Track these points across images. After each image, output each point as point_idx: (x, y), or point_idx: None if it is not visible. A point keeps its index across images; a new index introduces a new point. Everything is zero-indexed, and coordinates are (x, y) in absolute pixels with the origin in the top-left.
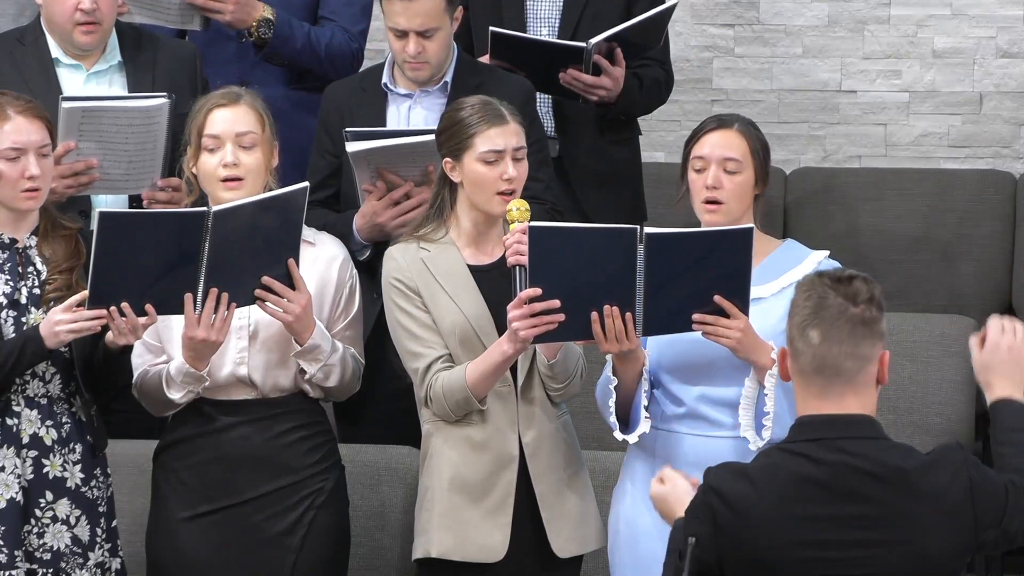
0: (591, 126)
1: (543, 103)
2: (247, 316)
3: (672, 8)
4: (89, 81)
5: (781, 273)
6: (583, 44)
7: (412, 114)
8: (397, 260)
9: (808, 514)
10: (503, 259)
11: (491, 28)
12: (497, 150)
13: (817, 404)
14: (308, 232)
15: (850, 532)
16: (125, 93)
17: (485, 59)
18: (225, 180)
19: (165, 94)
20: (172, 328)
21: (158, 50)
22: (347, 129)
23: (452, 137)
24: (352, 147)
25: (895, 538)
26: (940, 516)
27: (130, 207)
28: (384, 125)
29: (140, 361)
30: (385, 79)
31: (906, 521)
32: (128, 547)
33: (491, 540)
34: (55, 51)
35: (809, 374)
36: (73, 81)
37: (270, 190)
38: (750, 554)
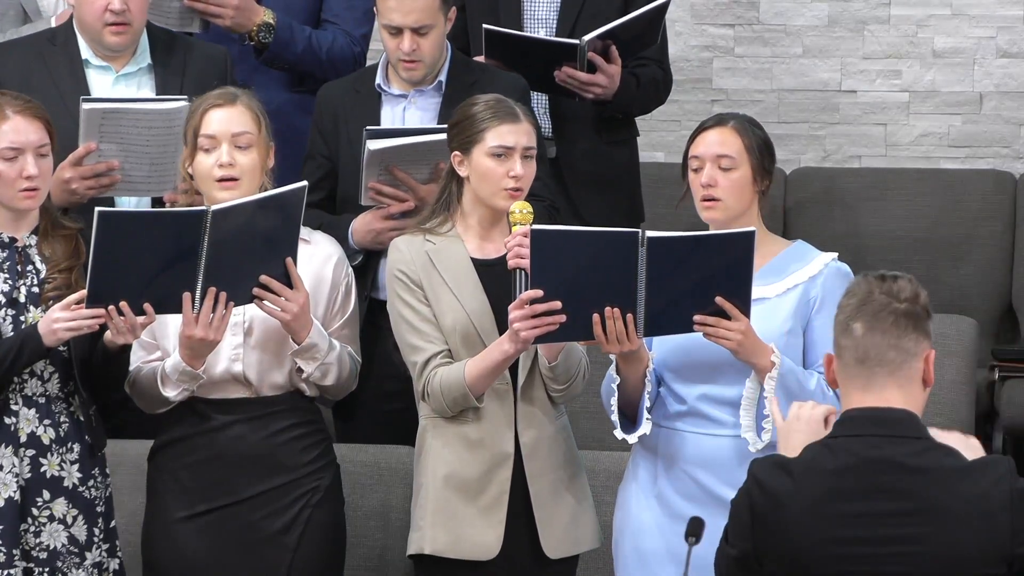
0: (589, 128)
1: (540, 104)
2: (242, 313)
3: (665, 5)
4: (118, 83)
5: (787, 274)
6: (576, 41)
7: (407, 115)
8: (402, 251)
9: (844, 510)
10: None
11: (484, 26)
12: (507, 146)
13: (861, 397)
14: (304, 231)
15: (885, 529)
16: (153, 95)
17: (481, 59)
18: (221, 180)
19: (184, 96)
20: (167, 325)
21: (189, 53)
22: (367, 127)
23: (463, 130)
24: (373, 145)
25: (929, 537)
26: (976, 519)
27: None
28: (379, 126)
29: (134, 358)
30: (379, 80)
31: (941, 520)
32: (128, 547)
33: (484, 538)
34: (85, 52)
35: (852, 367)
36: (102, 83)
37: (266, 191)
38: (786, 547)
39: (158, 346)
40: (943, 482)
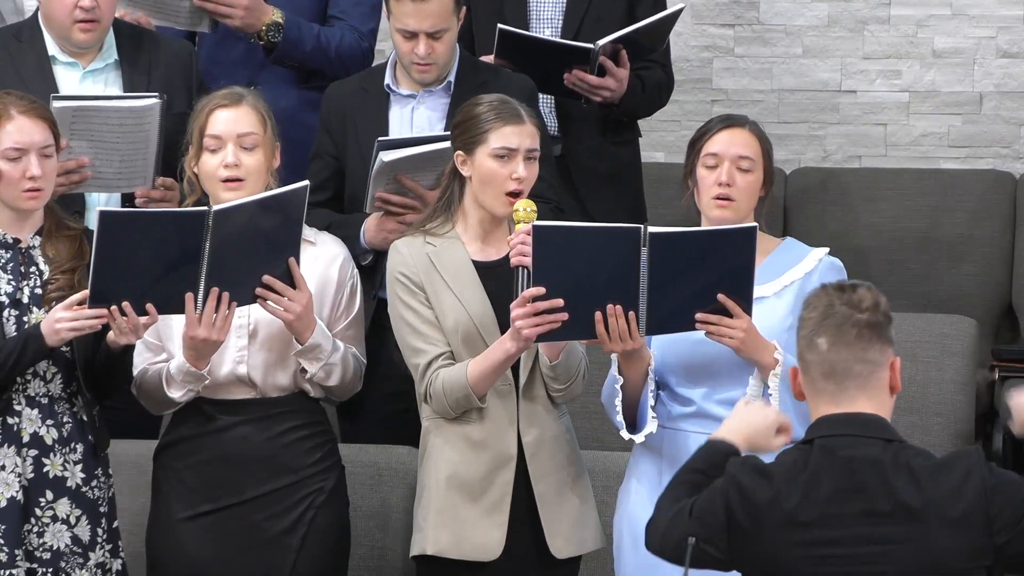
0: (593, 126)
1: (546, 102)
2: (247, 315)
3: (679, 12)
4: (85, 79)
5: (782, 272)
6: (590, 46)
7: (415, 115)
8: (403, 254)
9: (820, 513)
10: (509, 256)
11: (499, 26)
12: (511, 147)
13: (830, 409)
14: (309, 231)
15: (862, 529)
16: (120, 91)
17: (488, 58)
18: (226, 180)
19: (156, 94)
20: (172, 327)
21: (155, 49)
22: (379, 139)
23: (467, 130)
24: (387, 156)
25: (906, 536)
26: (951, 516)
27: (122, 206)
28: (387, 126)
29: (140, 359)
30: (387, 80)
31: (917, 519)
32: (130, 547)
33: (487, 539)
34: (52, 48)
35: (820, 382)
36: (69, 79)
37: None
38: (761, 550)
39: (164, 347)
40: (917, 481)
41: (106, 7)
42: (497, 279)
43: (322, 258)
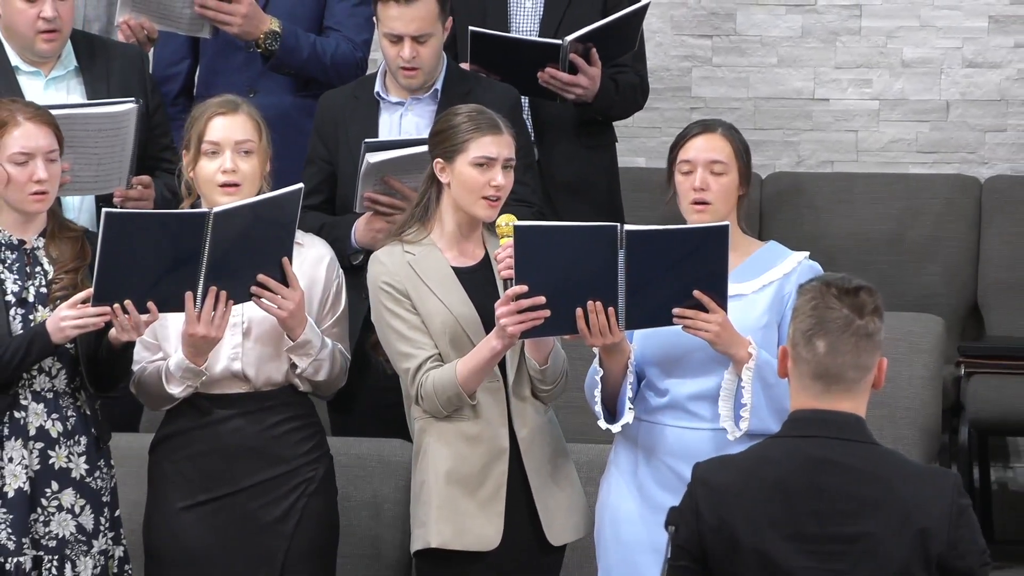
0: (569, 132)
1: (523, 109)
2: (240, 314)
3: (644, 8)
4: (48, 87)
5: (762, 272)
6: (559, 41)
7: (404, 121)
8: (385, 264)
9: (791, 509)
10: (484, 261)
11: (471, 28)
12: (490, 157)
13: (811, 403)
14: (297, 233)
15: (831, 528)
16: (83, 97)
17: (464, 65)
18: (223, 185)
19: (133, 99)
20: (168, 326)
21: (110, 54)
22: (366, 140)
23: (447, 139)
24: (373, 158)
25: (869, 536)
26: (915, 524)
27: (97, 207)
28: (376, 132)
29: (137, 358)
30: (377, 88)
31: (882, 521)
32: (131, 536)
33: (486, 530)
34: (14, 59)
35: (807, 379)
36: (33, 88)
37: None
38: (731, 544)
39: (160, 347)
40: (887, 484)
41: (66, 17)
42: (477, 284)
43: (309, 259)
